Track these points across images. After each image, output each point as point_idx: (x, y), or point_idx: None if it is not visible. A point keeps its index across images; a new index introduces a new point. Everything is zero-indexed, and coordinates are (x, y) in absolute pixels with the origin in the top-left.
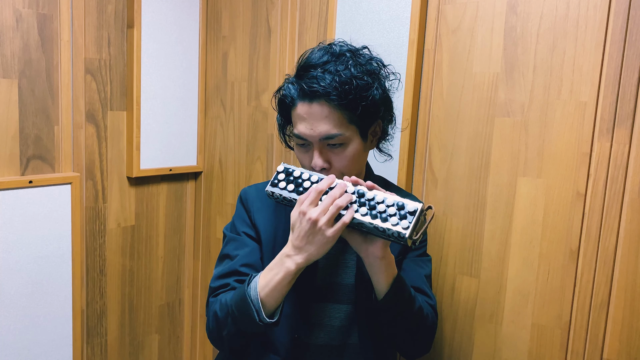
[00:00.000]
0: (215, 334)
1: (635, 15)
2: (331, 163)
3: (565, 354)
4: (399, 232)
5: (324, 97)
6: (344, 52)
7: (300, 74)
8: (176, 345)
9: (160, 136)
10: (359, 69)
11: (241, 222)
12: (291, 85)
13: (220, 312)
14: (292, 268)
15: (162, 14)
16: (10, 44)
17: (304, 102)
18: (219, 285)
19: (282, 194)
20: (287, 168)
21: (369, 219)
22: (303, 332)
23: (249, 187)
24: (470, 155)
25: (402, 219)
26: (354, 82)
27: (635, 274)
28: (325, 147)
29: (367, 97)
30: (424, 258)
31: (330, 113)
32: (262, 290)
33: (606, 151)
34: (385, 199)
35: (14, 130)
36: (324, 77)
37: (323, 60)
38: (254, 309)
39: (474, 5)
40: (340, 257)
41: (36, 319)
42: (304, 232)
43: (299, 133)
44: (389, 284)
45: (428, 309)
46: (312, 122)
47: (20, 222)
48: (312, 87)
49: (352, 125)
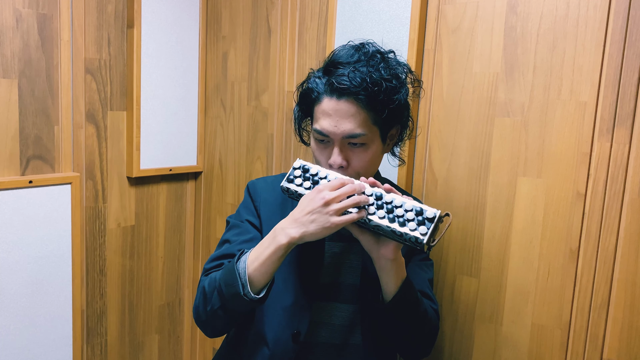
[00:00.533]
0: (201, 309)
1: (635, 15)
2: (349, 162)
3: (565, 354)
4: (417, 238)
5: (353, 96)
6: (375, 54)
7: (329, 70)
8: (176, 345)
9: (160, 136)
10: (388, 72)
11: (246, 211)
12: (318, 79)
13: (208, 287)
14: (284, 241)
15: (162, 14)
16: (10, 44)
17: (332, 98)
18: (213, 265)
19: (297, 190)
20: (303, 165)
21: (386, 222)
22: (304, 329)
23: (257, 179)
24: (470, 155)
25: (421, 225)
26: (384, 84)
27: (635, 274)
28: (345, 145)
29: (394, 100)
30: (427, 262)
31: (356, 112)
32: (251, 264)
33: (606, 151)
34: (403, 203)
35: (14, 130)
36: (354, 75)
37: (354, 58)
38: (240, 282)
39: (474, 5)
40: (345, 257)
41: (36, 319)
42: (311, 208)
43: (322, 129)
44: (398, 286)
45: (432, 313)
46: (337, 119)
47: (20, 222)
48: (343, 83)
49: (375, 126)
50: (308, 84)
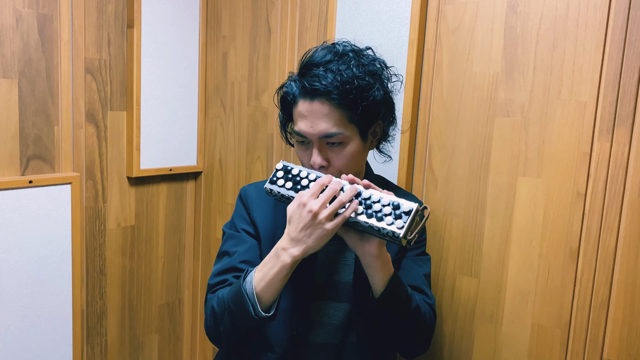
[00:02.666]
0: (213, 330)
1: (635, 15)
2: (330, 161)
3: (565, 354)
4: (394, 232)
5: (325, 96)
6: (347, 52)
7: (302, 72)
8: (176, 345)
9: (160, 136)
10: (361, 69)
11: (240, 220)
12: (293, 82)
13: (217, 307)
14: (288, 261)
15: (162, 14)
16: (10, 44)
17: (305, 100)
18: (217, 281)
19: (280, 191)
20: (285, 166)
21: (364, 217)
22: (302, 330)
23: (249, 185)
24: (470, 155)
25: (397, 219)
26: (355, 82)
27: (635, 274)
28: (324, 145)
29: (368, 97)
30: (423, 257)
31: (330, 112)
32: (258, 284)
33: (606, 151)
34: (381, 198)
35: (14, 130)
36: (325, 75)
37: (326, 59)
38: (249, 303)
39: (474, 5)
40: (340, 255)
41: (36, 319)
42: (303, 224)
43: (299, 130)
44: (385, 282)
45: (426, 308)
46: (312, 119)
47: (20, 222)
48: (314, 85)
49: (351, 124)
50: (285, 88)
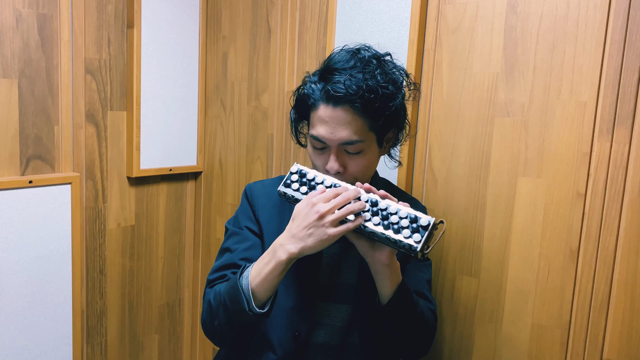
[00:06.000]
0: (208, 324)
1: (635, 15)
2: (346, 168)
3: (565, 354)
4: (411, 245)
5: (349, 103)
6: (371, 59)
7: (325, 76)
8: (176, 345)
9: (160, 136)
10: (384, 78)
11: (244, 217)
12: (314, 85)
13: (213, 301)
14: (284, 258)
15: (162, 14)
16: (10, 44)
17: (328, 105)
18: (216, 277)
19: (294, 195)
20: (300, 170)
21: (381, 229)
22: (304, 330)
23: (254, 183)
24: (470, 155)
25: (415, 232)
26: (380, 91)
27: (635, 274)
28: (342, 151)
29: (391, 107)
30: (425, 263)
31: (353, 119)
32: (254, 280)
33: (606, 151)
34: (398, 210)
35: (14, 130)
36: (350, 82)
37: (350, 64)
38: (244, 298)
39: (474, 5)
40: (343, 257)
41: (36, 319)
42: (307, 223)
43: (318, 136)
44: (394, 290)
45: (429, 314)
46: (333, 126)
47: (20, 222)
48: (339, 91)
49: (371, 132)
50: (304, 90)
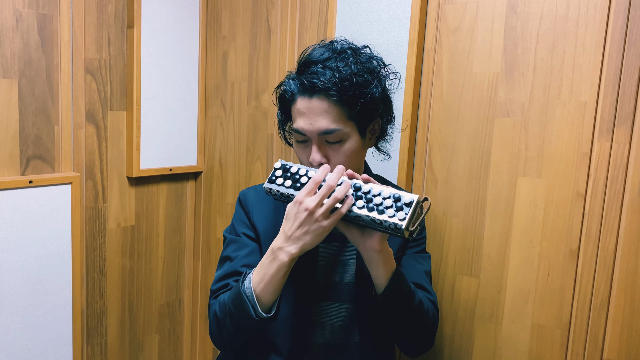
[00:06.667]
0: (217, 335)
1: (635, 15)
2: (329, 159)
3: (565, 354)
4: (396, 224)
5: (324, 92)
6: (345, 50)
7: (301, 70)
8: (176, 345)
9: (160, 136)
10: (359, 67)
11: (240, 224)
12: (292, 80)
13: (219, 312)
14: (286, 260)
15: (162, 14)
16: (10, 44)
17: (304, 97)
18: (219, 286)
19: (279, 190)
20: (284, 164)
21: (365, 211)
22: (304, 331)
23: (247, 189)
24: (470, 155)
25: (399, 211)
26: (354, 78)
27: (635, 274)
28: (323, 143)
29: (367, 94)
30: (423, 255)
31: (329, 108)
32: (257, 285)
33: (606, 151)
34: (381, 191)
35: (14, 130)
36: (324, 72)
37: (324, 56)
38: (249, 305)
39: (474, 5)
40: (340, 256)
41: (36, 319)
42: (299, 222)
43: (298, 128)
44: (388, 277)
45: (428, 304)
46: (311, 116)
47: (20, 222)
48: (312, 82)
49: (350, 121)
50: (283, 86)
